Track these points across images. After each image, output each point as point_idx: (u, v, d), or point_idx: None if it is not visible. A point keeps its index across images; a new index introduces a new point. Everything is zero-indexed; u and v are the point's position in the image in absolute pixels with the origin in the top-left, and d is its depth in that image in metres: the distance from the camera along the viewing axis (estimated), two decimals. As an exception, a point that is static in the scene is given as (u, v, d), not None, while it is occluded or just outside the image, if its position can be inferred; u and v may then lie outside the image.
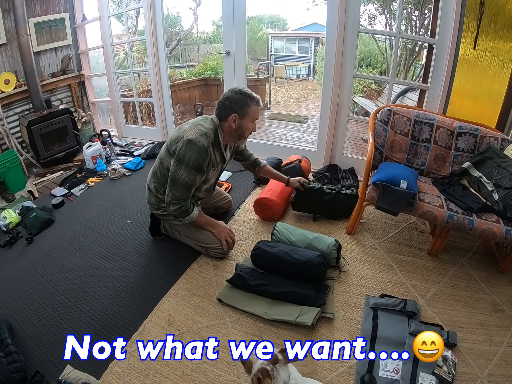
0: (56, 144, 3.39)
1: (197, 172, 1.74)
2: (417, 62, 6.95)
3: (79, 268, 1.95)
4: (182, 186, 1.76)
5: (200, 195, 1.97)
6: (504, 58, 2.31)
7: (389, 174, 1.94)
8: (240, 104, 1.76)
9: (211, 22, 12.85)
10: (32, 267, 1.99)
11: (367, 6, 7.68)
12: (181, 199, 1.80)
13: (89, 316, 1.63)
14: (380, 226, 2.30)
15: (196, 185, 1.81)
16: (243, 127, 1.81)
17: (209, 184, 1.97)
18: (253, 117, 1.82)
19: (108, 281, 1.84)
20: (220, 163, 1.93)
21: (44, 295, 1.78)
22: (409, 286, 1.81)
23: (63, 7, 3.58)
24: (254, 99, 1.79)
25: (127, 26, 3.88)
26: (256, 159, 2.27)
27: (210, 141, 1.74)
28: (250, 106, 1.77)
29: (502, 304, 1.73)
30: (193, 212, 1.90)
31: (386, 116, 2.24)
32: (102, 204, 2.60)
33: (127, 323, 1.58)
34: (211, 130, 1.77)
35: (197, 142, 1.69)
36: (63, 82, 3.68)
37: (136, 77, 4.08)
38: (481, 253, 2.09)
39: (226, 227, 2.02)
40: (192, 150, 1.69)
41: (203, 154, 1.71)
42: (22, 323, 1.62)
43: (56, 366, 1.40)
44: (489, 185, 1.97)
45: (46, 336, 1.54)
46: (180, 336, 1.52)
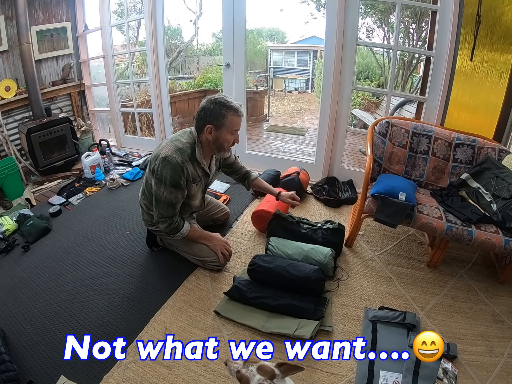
0: (55, 153, 3.39)
1: (176, 189, 1.70)
2: (414, 75, 7.05)
3: (75, 278, 1.93)
4: (165, 204, 1.74)
5: (192, 209, 1.96)
6: (500, 69, 2.33)
7: (388, 186, 1.94)
8: (215, 114, 1.64)
9: (211, 34, 13.03)
10: (27, 276, 1.97)
11: (365, 20, 7.82)
12: (168, 217, 1.78)
13: (84, 326, 1.61)
14: (378, 238, 2.30)
15: (179, 201, 1.77)
16: (220, 139, 1.70)
17: (197, 200, 1.93)
18: (231, 128, 1.69)
19: (104, 292, 1.82)
20: (204, 177, 1.87)
21: (39, 304, 1.75)
22: (408, 298, 1.80)
23: (65, 16, 3.62)
24: (231, 109, 1.65)
25: (128, 36, 3.90)
26: (248, 172, 2.19)
27: (185, 156, 1.68)
28: (226, 116, 1.65)
29: (502, 315, 1.72)
30: (184, 228, 1.86)
31: (384, 128, 2.25)
32: (100, 214, 2.58)
33: (123, 335, 1.56)
34: (187, 145, 1.71)
35: (171, 160, 1.64)
36: (63, 90, 3.70)
37: (136, 87, 4.11)
38: (480, 264, 2.09)
39: (221, 240, 1.99)
40: (167, 168, 1.65)
41: (178, 171, 1.66)
42: (16, 332, 1.60)
43: (49, 376, 1.38)
44: (487, 196, 1.97)
45: (40, 346, 1.52)
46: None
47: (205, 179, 1.89)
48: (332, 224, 2.09)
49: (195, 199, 1.90)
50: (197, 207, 1.98)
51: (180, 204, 1.79)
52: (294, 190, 2.61)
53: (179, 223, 1.84)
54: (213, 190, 2.84)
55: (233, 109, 1.66)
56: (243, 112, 1.72)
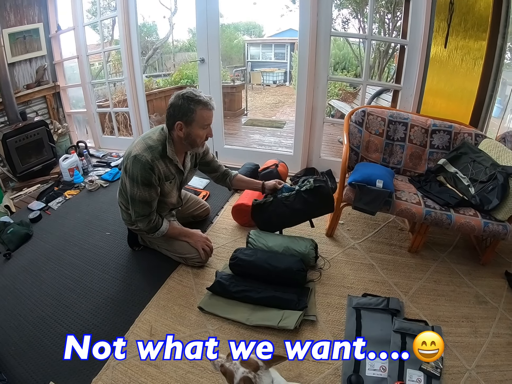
0: (33, 157, 3.31)
1: (149, 188, 1.68)
2: (391, 64, 7.13)
3: (59, 282, 1.90)
4: (140, 203, 1.72)
5: (170, 207, 1.94)
6: (475, 56, 2.38)
7: (365, 174, 1.95)
8: (184, 110, 1.59)
9: (187, 30, 12.85)
10: (10, 283, 1.93)
11: (341, 11, 7.87)
12: (144, 215, 1.76)
13: (70, 331, 1.58)
14: (359, 226, 2.32)
15: (154, 199, 1.75)
16: (192, 135, 1.66)
17: (173, 198, 1.90)
18: (202, 122, 1.64)
19: (88, 295, 1.80)
20: (178, 174, 1.83)
21: (24, 311, 1.72)
22: (391, 284, 1.82)
23: (38, 17, 3.52)
24: (199, 103, 1.59)
25: (102, 35, 3.84)
26: (226, 171, 2.14)
27: (156, 154, 1.65)
28: (195, 111, 1.59)
29: (485, 296, 1.76)
30: (163, 226, 1.85)
31: (360, 117, 2.27)
32: (80, 217, 2.54)
33: (108, 337, 1.53)
34: (158, 142, 1.68)
35: (141, 158, 1.62)
36: (38, 93, 3.61)
37: (112, 87, 4.03)
38: (461, 247, 2.13)
39: (202, 236, 1.97)
40: (137, 167, 1.63)
41: (148, 170, 1.63)
42: (3, 340, 1.57)
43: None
44: (465, 180, 2.01)
45: (28, 354, 1.49)
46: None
47: (179, 176, 1.86)
48: (309, 184, 1.94)
49: (171, 197, 1.88)
50: (174, 204, 1.96)
51: (155, 201, 1.77)
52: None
53: (157, 221, 1.82)
54: (192, 186, 2.82)
55: (202, 102, 1.60)
56: (213, 104, 1.66)
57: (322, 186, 1.92)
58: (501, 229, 1.77)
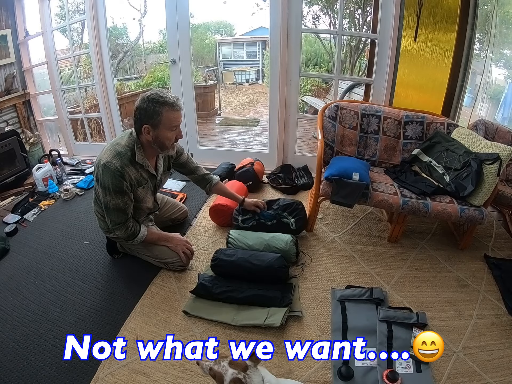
0: (5, 169, 3.19)
1: (121, 195, 1.64)
2: (362, 59, 7.24)
3: (40, 296, 1.85)
4: (115, 211, 1.68)
5: (146, 212, 1.91)
6: (444, 47, 2.44)
7: (341, 168, 1.98)
8: (150, 113, 1.54)
9: (158, 32, 12.53)
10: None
11: (312, 8, 7.93)
12: (121, 223, 1.71)
13: (55, 346, 1.54)
14: (338, 220, 2.35)
15: (129, 206, 1.70)
16: (160, 138, 1.61)
17: (149, 203, 1.86)
18: (169, 124, 1.58)
19: (70, 307, 1.76)
20: (150, 179, 1.79)
21: (7, 329, 1.66)
22: (373, 274, 1.85)
23: (5, 23, 3.38)
24: (165, 104, 1.54)
25: (71, 40, 3.73)
26: (206, 175, 2.10)
27: (125, 160, 1.60)
28: (162, 113, 1.54)
29: (466, 280, 1.82)
30: (141, 232, 1.81)
31: (333, 112, 2.29)
32: (57, 227, 2.47)
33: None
34: (127, 148, 1.63)
35: (110, 166, 1.57)
36: (7, 102, 3.47)
37: (83, 92, 3.93)
38: (439, 234, 2.19)
39: (181, 239, 1.95)
40: (107, 175, 1.59)
41: (118, 177, 1.59)
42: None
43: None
44: (439, 169, 2.06)
45: (15, 373, 1.44)
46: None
47: (152, 180, 1.82)
48: (289, 217, 2.08)
49: (146, 202, 1.84)
50: (151, 208, 1.93)
51: (130, 208, 1.73)
52: (250, 181, 2.65)
53: (135, 228, 1.78)
54: (169, 189, 2.80)
55: (168, 104, 1.54)
56: (181, 104, 1.61)
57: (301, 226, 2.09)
58: (478, 214, 1.83)
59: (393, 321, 1.51)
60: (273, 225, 2.07)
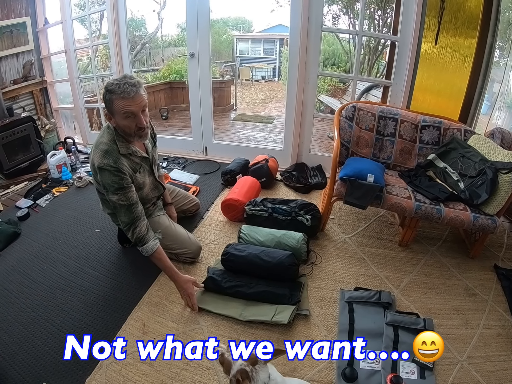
0: (20, 154, 3.24)
1: (124, 191, 1.62)
2: (380, 60, 7.20)
3: (49, 281, 1.87)
4: (122, 209, 1.64)
5: (151, 194, 1.90)
6: (464, 53, 2.40)
7: (356, 168, 1.97)
8: (106, 102, 1.53)
9: (176, 25, 12.64)
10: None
11: (331, 7, 7.89)
12: (130, 222, 1.65)
13: (61, 331, 1.56)
14: (350, 221, 2.34)
15: (135, 202, 1.66)
16: (120, 125, 1.58)
17: (148, 186, 1.85)
18: (120, 111, 1.51)
19: (79, 293, 1.78)
20: (143, 162, 1.79)
21: (14, 312, 1.69)
22: (382, 277, 1.84)
23: (25, 11, 3.43)
24: (114, 93, 1.48)
25: (90, 30, 3.77)
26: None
27: (115, 154, 1.59)
28: (113, 101, 1.50)
29: (475, 289, 1.79)
30: (148, 244, 1.65)
31: (351, 112, 2.28)
32: (69, 214, 2.50)
33: (101, 336, 1.52)
34: (110, 143, 1.61)
35: (104, 167, 1.56)
36: (25, 89, 3.53)
37: (100, 82, 3.95)
38: (450, 241, 2.16)
39: (189, 286, 1.67)
40: (106, 176, 1.58)
41: (116, 174, 1.58)
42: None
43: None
44: (454, 175, 2.03)
45: (19, 355, 1.46)
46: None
47: (146, 162, 1.81)
48: (306, 215, 2.08)
49: (146, 185, 1.82)
50: (153, 190, 1.92)
51: (138, 206, 1.68)
52: (263, 177, 2.65)
53: (143, 235, 1.66)
54: (182, 182, 2.82)
55: (116, 92, 1.48)
56: (136, 90, 1.50)
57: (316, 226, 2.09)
58: (490, 223, 1.80)
59: (400, 325, 1.50)
60: (287, 222, 2.08)
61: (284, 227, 2.04)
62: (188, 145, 3.46)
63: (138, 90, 1.51)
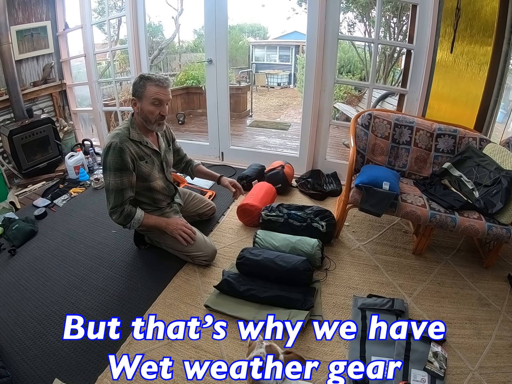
0: (38, 154, 3.33)
1: (121, 173, 1.71)
2: (395, 68, 7.17)
3: (64, 279, 1.91)
4: (113, 192, 1.74)
5: (162, 192, 1.95)
6: (480, 61, 2.39)
7: (371, 176, 1.97)
8: (137, 87, 1.71)
9: (193, 31, 12.84)
10: (16, 280, 1.93)
11: (347, 14, 7.91)
12: (117, 206, 1.76)
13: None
14: (364, 228, 2.33)
15: (127, 187, 1.76)
16: (144, 111, 1.73)
17: (159, 180, 1.92)
18: (150, 97, 1.70)
19: (94, 292, 1.80)
20: (154, 156, 1.88)
21: (29, 308, 1.72)
22: (395, 285, 1.83)
23: (45, 15, 3.54)
24: (150, 80, 1.69)
25: (109, 34, 3.85)
26: (190, 160, 2.27)
27: (123, 137, 1.72)
28: (145, 86, 1.69)
29: (488, 299, 1.77)
30: (137, 214, 1.83)
31: (366, 120, 2.28)
32: (86, 214, 2.55)
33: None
34: (124, 128, 1.77)
35: (110, 144, 1.69)
36: (44, 91, 3.63)
37: (118, 86, 4.04)
38: (465, 250, 2.14)
39: (177, 223, 1.93)
40: (109, 154, 1.70)
41: (117, 153, 1.68)
42: (7, 337, 1.57)
43: (43, 380, 1.36)
44: (469, 184, 2.02)
45: (32, 350, 1.49)
46: (169, 345, 1.50)
47: (157, 157, 1.90)
48: (321, 221, 2.10)
49: (155, 179, 1.89)
50: (164, 188, 1.96)
51: (128, 191, 1.77)
52: (279, 183, 2.67)
53: (130, 210, 1.81)
54: (198, 186, 2.85)
55: (153, 79, 1.70)
56: (167, 82, 1.74)
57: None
58: (505, 233, 1.78)
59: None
60: (302, 228, 2.10)
61: (299, 233, 2.05)
62: (205, 150, 3.50)
63: (169, 84, 1.76)
